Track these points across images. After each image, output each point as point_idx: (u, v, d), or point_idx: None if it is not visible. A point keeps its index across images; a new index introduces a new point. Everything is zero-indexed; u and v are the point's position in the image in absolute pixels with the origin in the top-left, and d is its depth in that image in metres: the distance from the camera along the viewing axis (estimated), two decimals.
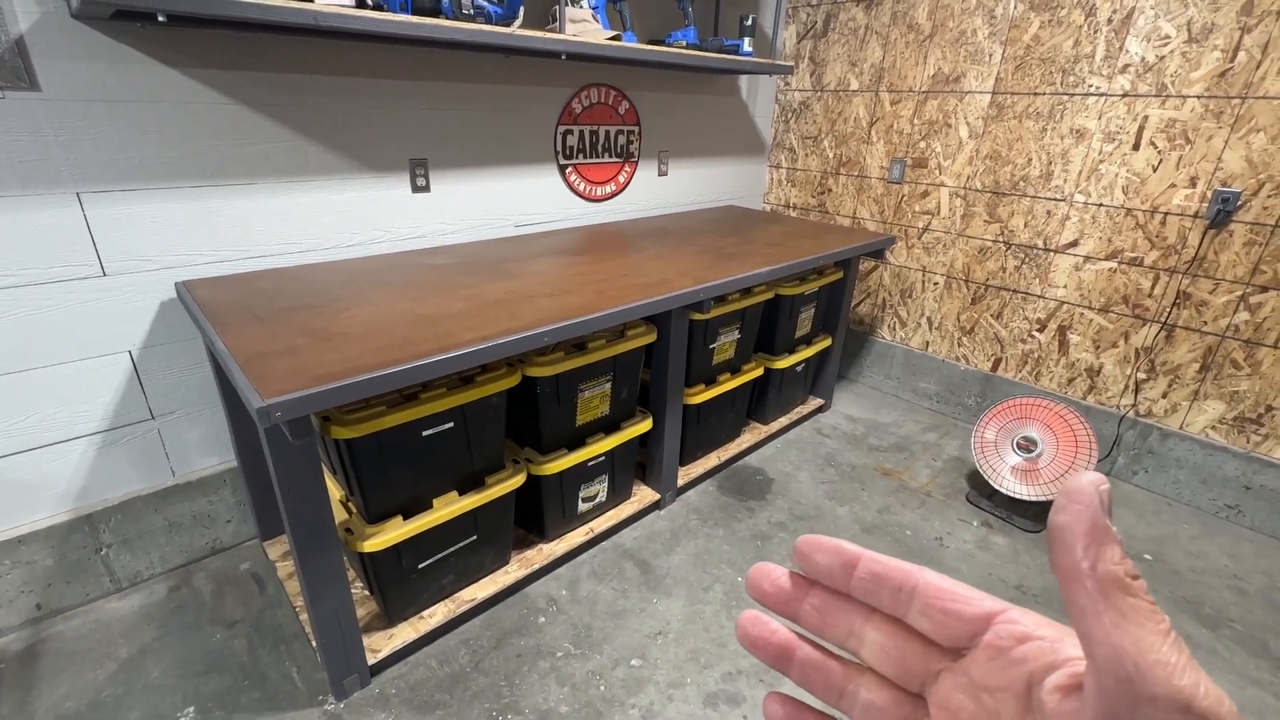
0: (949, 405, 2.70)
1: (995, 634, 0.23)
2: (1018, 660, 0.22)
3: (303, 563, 1.18)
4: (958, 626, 0.24)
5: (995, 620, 0.23)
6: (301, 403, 0.97)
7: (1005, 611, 0.24)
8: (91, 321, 1.43)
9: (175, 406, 1.60)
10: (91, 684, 1.37)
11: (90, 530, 1.53)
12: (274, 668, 1.42)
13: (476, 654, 1.48)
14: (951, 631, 0.24)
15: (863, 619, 0.26)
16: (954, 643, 0.25)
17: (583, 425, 1.68)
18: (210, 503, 1.70)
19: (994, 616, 0.24)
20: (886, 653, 0.26)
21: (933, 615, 0.25)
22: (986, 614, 0.24)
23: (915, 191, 2.59)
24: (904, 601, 0.25)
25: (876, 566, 0.26)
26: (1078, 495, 0.19)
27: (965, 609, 0.24)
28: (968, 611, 0.24)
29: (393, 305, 1.37)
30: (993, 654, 0.23)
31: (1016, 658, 0.22)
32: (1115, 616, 0.18)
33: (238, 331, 1.19)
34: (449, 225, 1.97)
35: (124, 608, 1.57)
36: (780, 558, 1.81)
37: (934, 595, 0.25)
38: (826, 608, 0.27)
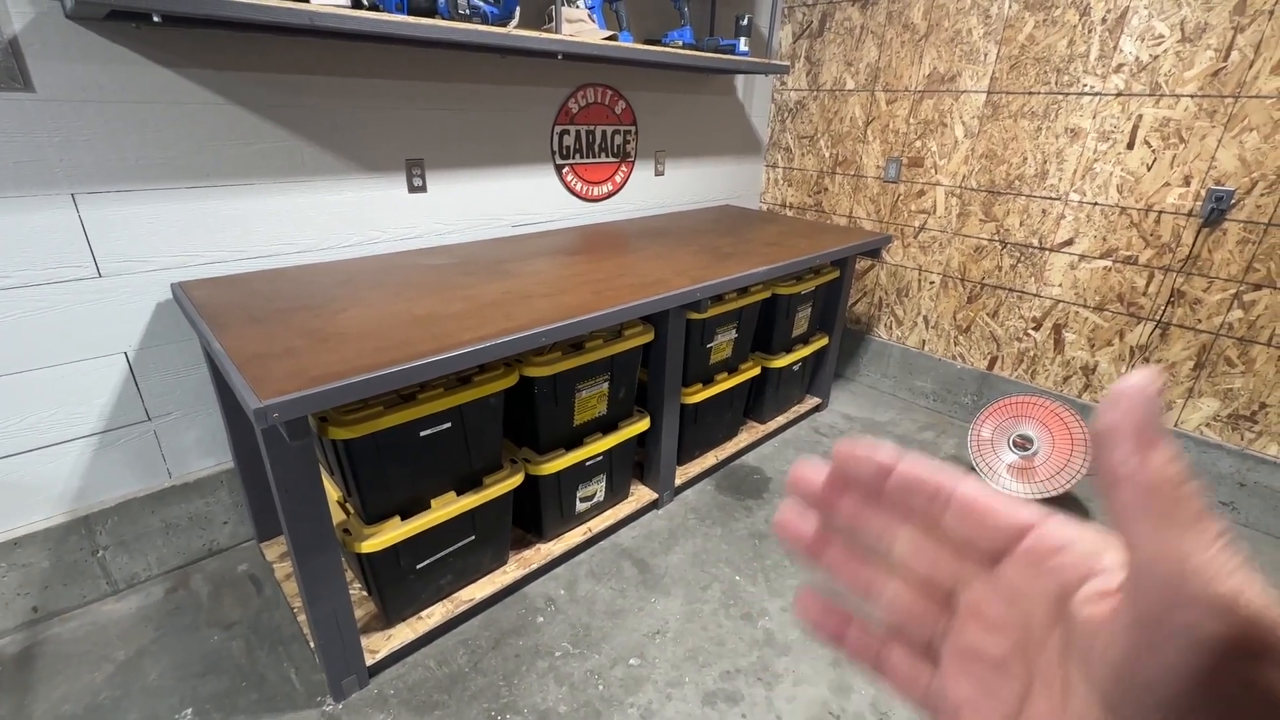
0: (945, 404, 2.70)
1: (1034, 540, 0.23)
2: (1054, 568, 0.22)
3: (300, 564, 1.18)
4: (994, 534, 0.24)
5: (1033, 528, 0.23)
6: (299, 404, 0.97)
7: (1043, 520, 0.23)
8: (87, 323, 1.42)
9: (172, 408, 1.59)
10: (89, 686, 1.37)
11: (87, 532, 1.53)
12: (272, 669, 1.42)
13: (475, 654, 1.48)
14: (988, 538, 0.24)
15: (897, 521, 0.26)
16: (989, 548, 0.24)
17: (580, 425, 1.68)
18: (207, 504, 1.70)
19: (1032, 525, 0.23)
20: (919, 555, 0.26)
21: (968, 520, 0.24)
22: (1024, 522, 0.23)
23: (911, 191, 2.60)
24: (939, 509, 0.25)
25: (914, 469, 0.25)
26: (1125, 394, 0.18)
27: (999, 516, 0.23)
28: (1004, 519, 0.23)
29: (390, 306, 1.37)
30: (1029, 560, 0.23)
31: (1053, 565, 0.22)
32: (1161, 519, 0.17)
33: (235, 332, 1.19)
34: (446, 225, 1.97)
35: (121, 610, 1.57)
36: (778, 556, 1.82)
37: (968, 500, 0.24)
38: (860, 509, 0.27)
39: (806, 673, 1.46)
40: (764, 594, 1.68)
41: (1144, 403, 0.18)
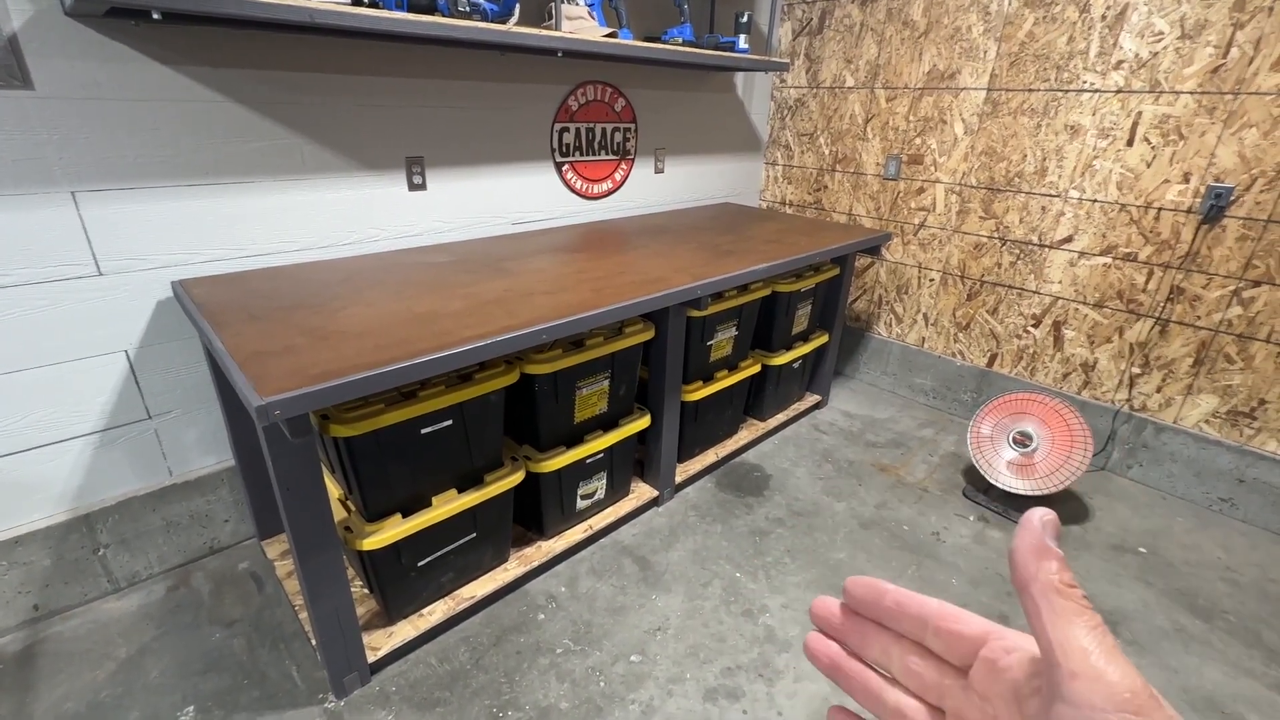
0: (945, 401, 2.71)
1: (988, 649, 0.28)
2: (1004, 669, 0.27)
3: (302, 561, 1.18)
4: (961, 644, 0.29)
5: (989, 637, 0.28)
6: (300, 401, 0.97)
7: (997, 630, 0.28)
8: (87, 321, 1.42)
9: (172, 406, 1.59)
10: (90, 684, 1.37)
11: (88, 530, 1.53)
12: (274, 666, 1.42)
13: (476, 651, 1.48)
14: (957, 649, 0.29)
15: (893, 641, 0.31)
16: (961, 659, 0.29)
17: (581, 422, 1.68)
18: (208, 502, 1.70)
19: (988, 634, 0.28)
20: (910, 669, 0.30)
21: (942, 636, 0.29)
22: (983, 632, 0.28)
23: (911, 188, 2.60)
24: (921, 625, 0.30)
25: (899, 597, 0.31)
26: (1026, 524, 0.24)
27: (965, 630, 0.29)
28: (968, 631, 0.29)
29: (390, 304, 1.37)
30: (988, 667, 0.27)
31: (1003, 667, 0.27)
32: (1051, 615, 0.23)
33: (235, 330, 1.19)
34: (446, 223, 1.97)
35: (122, 608, 1.57)
36: (778, 553, 1.82)
37: (940, 618, 0.29)
38: (866, 632, 0.32)
39: (807, 669, 1.46)
40: (764, 591, 1.69)
41: (1040, 529, 0.24)
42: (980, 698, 0.28)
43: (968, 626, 0.29)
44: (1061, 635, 0.22)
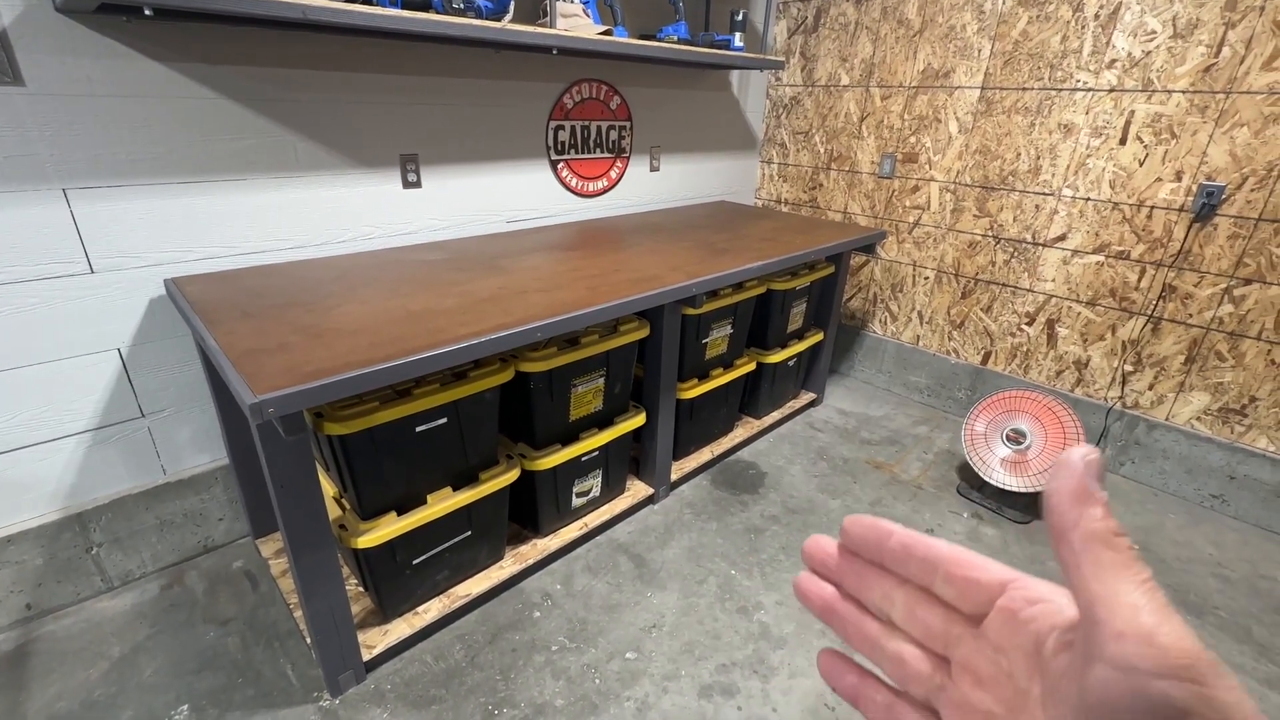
0: (940, 399, 2.72)
1: (1008, 598, 0.25)
2: (1026, 621, 0.24)
3: (296, 560, 1.18)
4: (977, 592, 0.26)
5: (1009, 586, 0.25)
6: (294, 399, 0.97)
7: (1019, 579, 0.25)
8: (80, 319, 1.41)
9: (166, 404, 1.59)
10: (84, 683, 1.36)
11: (80, 529, 1.52)
12: (268, 665, 1.42)
13: (471, 649, 1.48)
14: (972, 597, 0.26)
15: (895, 586, 0.29)
16: (974, 608, 0.26)
17: (576, 420, 1.68)
18: (202, 501, 1.69)
19: (1008, 583, 0.25)
20: (914, 615, 0.28)
21: (955, 583, 0.26)
22: (1002, 581, 0.25)
23: (906, 186, 2.61)
24: (929, 570, 0.27)
25: (906, 538, 0.28)
26: (1066, 464, 0.21)
27: (983, 576, 0.26)
28: (985, 578, 0.26)
29: (384, 302, 1.37)
30: (1006, 617, 0.25)
31: (1025, 619, 0.24)
32: (1094, 568, 0.20)
33: (228, 328, 1.19)
34: (441, 221, 1.97)
35: (116, 607, 1.56)
36: (773, 550, 1.83)
37: (954, 563, 0.27)
38: (864, 574, 0.30)
39: (802, 665, 1.47)
40: (759, 588, 1.69)
41: (1083, 469, 0.21)
42: (994, 649, 0.25)
43: (985, 573, 0.26)
44: (1106, 589, 0.19)
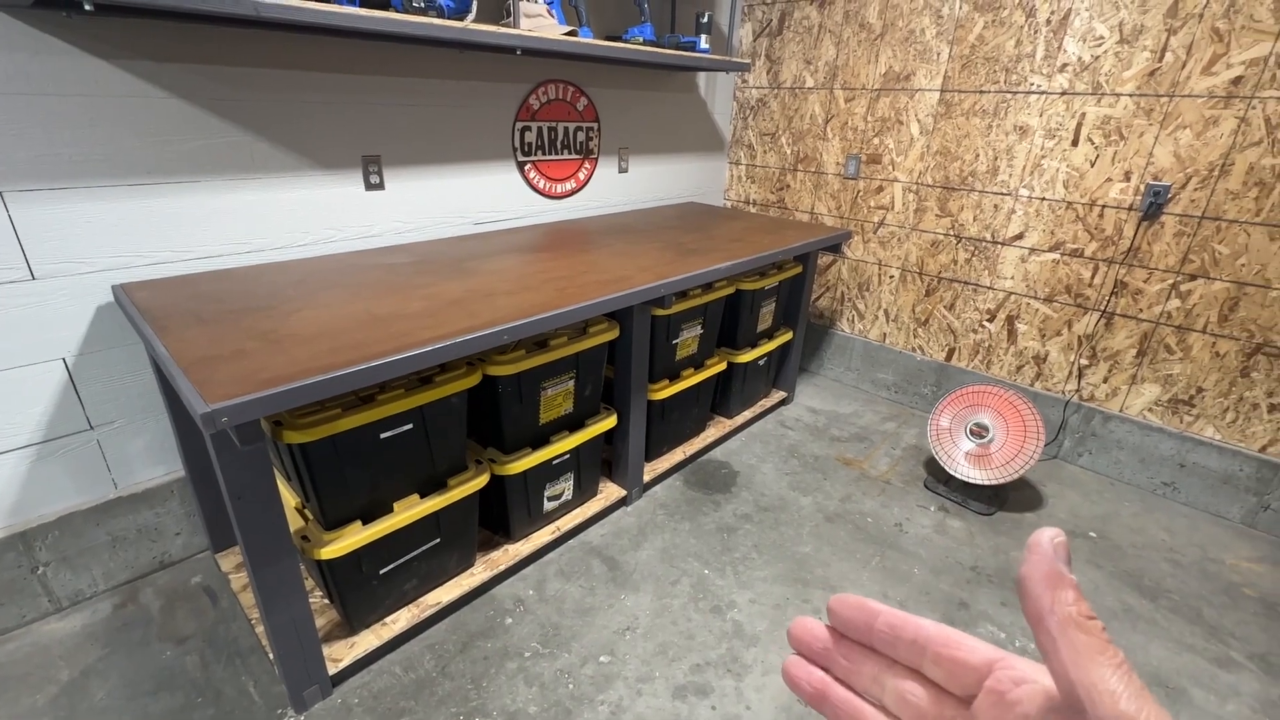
0: (907, 395, 2.77)
1: (995, 679, 0.25)
2: (1014, 702, 0.24)
3: (256, 573, 1.14)
4: (964, 674, 0.26)
5: (996, 666, 0.26)
6: (249, 407, 0.93)
7: (1005, 658, 0.26)
8: (21, 327, 1.35)
9: (116, 415, 1.52)
10: (30, 710, 1.30)
11: (25, 549, 1.45)
12: (229, 683, 1.37)
13: (442, 659, 1.45)
14: (959, 679, 0.27)
15: (885, 668, 0.29)
16: (963, 690, 0.27)
17: (546, 423, 1.67)
18: (157, 515, 1.63)
19: (995, 663, 0.26)
20: (906, 700, 0.28)
21: (943, 664, 0.27)
22: (989, 660, 0.26)
23: (870, 187, 2.65)
24: (918, 652, 0.27)
25: (893, 619, 0.28)
26: (1036, 549, 0.22)
27: (970, 657, 0.26)
28: (973, 660, 0.26)
29: (346, 306, 1.34)
30: (995, 699, 0.25)
31: (1013, 700, 0.24)
32: (1071, 652, 0.21)
33: (179, 335, 1.14)
34: (405, 224, 1.93)
35: (64, 628, 1.49)
36: (746, 549, 1.84)
37: (942, 644, 0.27)
38: (854, 657, 0.29)
39: (775, 662, 1.48)
40: (732, 586, 1.70)
41: (1052, 553, 0.22)
42: None
43: (971, 654, 0.26)
44: (1085, 676, 0.20)
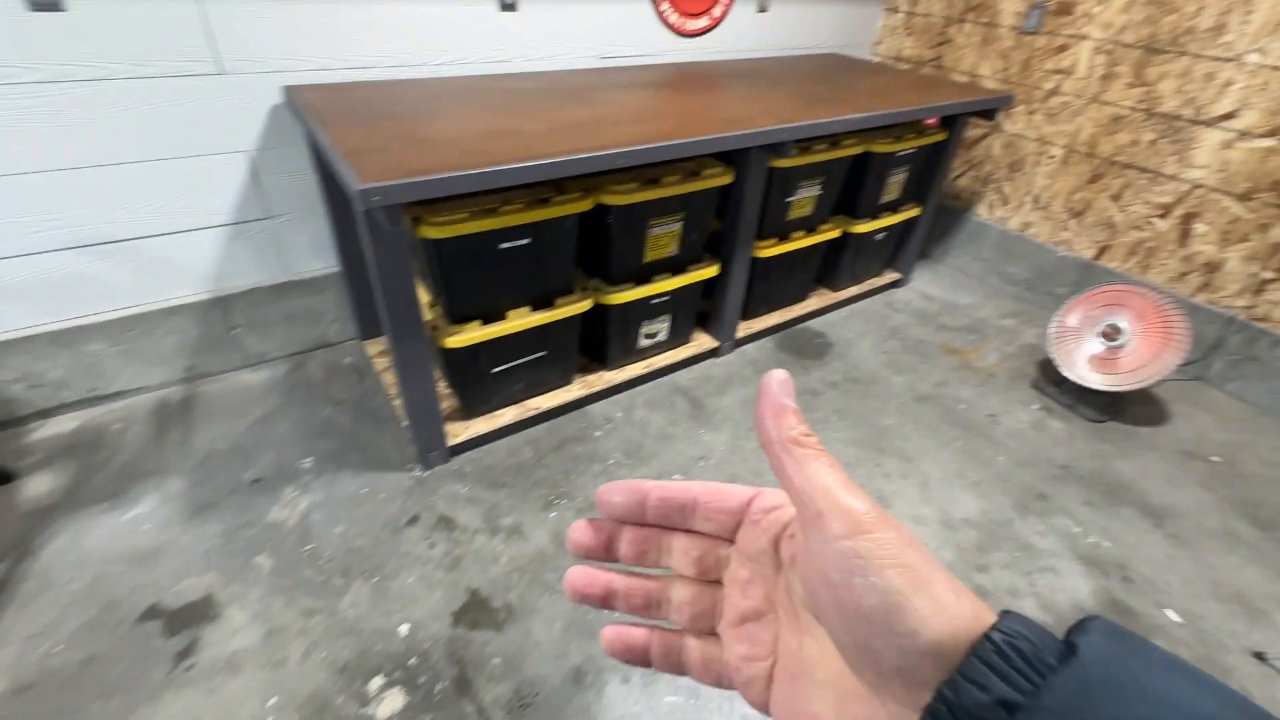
0: (1037, 293, 2.55)
1: (750, 512, 0.30)
2: (766, 527, 0.29)
3: (397, 349, 1.36)
4: (728, 518, 0.30)
5: (751, 503, 0.30)
6: (395, 191, 1.06)
7: (758, 494, 0.30)
8: (212, 118, 1.56)
9: (287, 209, 1.76)
10: (233, 432, 1.68)
11: (224, 311, 1.79)
12: (372, 439, 1.68)
13: (539, 452, 1.68)
14: (725, 523, 0.31)
15: (666, 537, 0.32)
16: (730, 532, 0.31)
17: (650, 262, 1.73)
18: (319, 301, 1.92)
19: (751, 500, 0.30)
20: (687, 554, 0.32)
21: (711, 516, 0.31)
22: (746, 500, 0.30)
23: (1051, 45, 2.27)
24: (690, 513, 0.31)
25: (663, 492, 0.31)
26: (765, 389, 0.26)
27: (730, 502, 0.30)
28: (732, 504, 0.30)
29: (475, 121, 1.42)
30: (751, 527, 0.30)
31: (765, 525, 0.29)
32: (795, 464, 0.24)
33: (338, 130, 1.28)
34: (533, 50, 1.94)
35: (253, 379, 1.86)
36: (827, 412, 1.89)
37: (708, 499, 0.31)
38: (637, 539, 0.32)
39: None
40: None
41: (778, 389, 0.26)
42: (748, 557, 0.30)
43: (732, 499, 0.30)
44: (804, 481, 0.24)
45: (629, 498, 0.31)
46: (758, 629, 0.29)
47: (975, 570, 1.45)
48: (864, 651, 0.23)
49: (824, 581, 0.23)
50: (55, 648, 1.16)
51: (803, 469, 0.24)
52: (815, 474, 0.24)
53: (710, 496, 0.31)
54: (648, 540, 0.32)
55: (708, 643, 0.31)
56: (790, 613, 0.28)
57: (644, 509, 0.31)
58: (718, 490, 0.31)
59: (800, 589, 0.26)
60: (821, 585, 0.24)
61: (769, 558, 0.29)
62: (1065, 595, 1.41)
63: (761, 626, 0.29)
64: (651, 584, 0.32)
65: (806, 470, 0.24)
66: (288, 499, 1.49)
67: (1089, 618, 0.22)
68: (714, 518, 0.30)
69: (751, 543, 0.29)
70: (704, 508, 0.31)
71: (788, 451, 0.25)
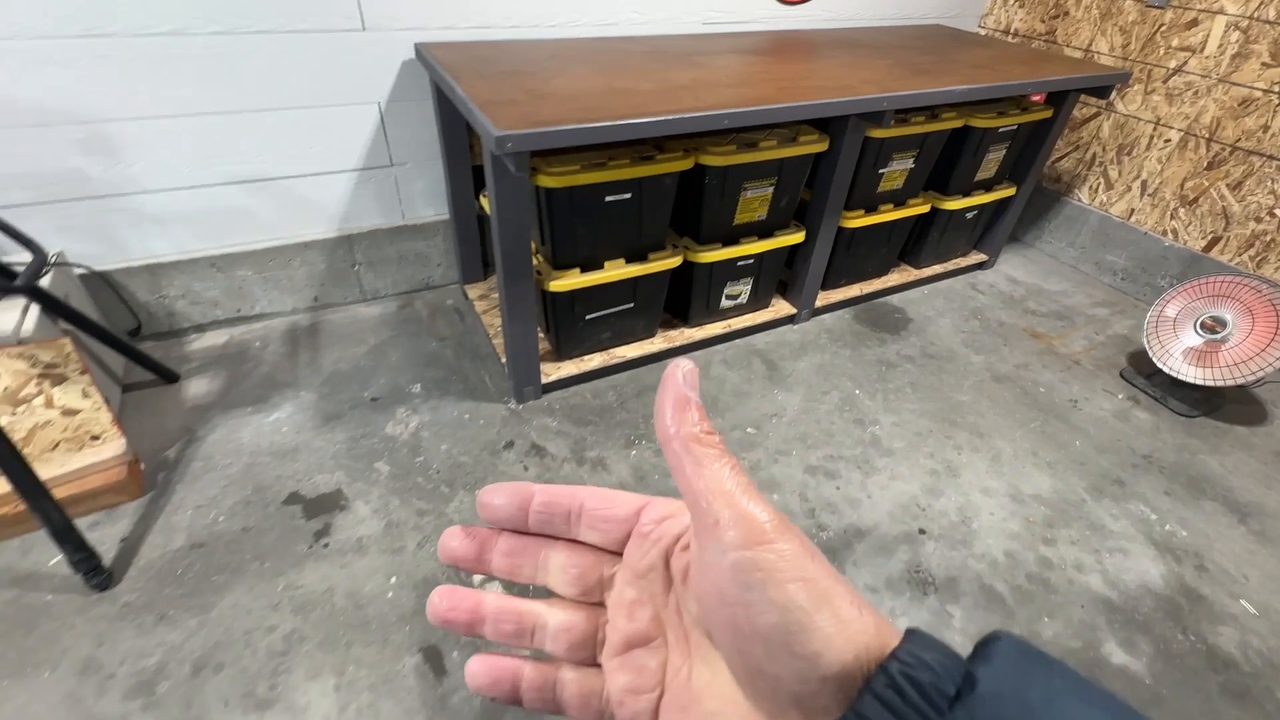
0: (1136, 284, 2.45)
1: (640, 523, 0.27)
2: (657, 539, 0.26)
3: (507, 286, 1.50)
4: (615, 527, 0.27)
5: (641, 513, 0.27)
6: (526, 139, 1.18)
7: (649, 503, 0.27)
8: (353, 71, 1.72)
9: (407, 158, 1.93)
10: (354, 356, 1.88)
11: (348, 249, 1.98)
12: (473, 373, 1.85)
13: (622, 396, 1.80)
14: (613, 533, 0.28)
15: (546, 548, 0.29)
16: (617, 544, 0.28)
17: (739, 225, 1.80)
18: (428, 246, 2.10)
19: (640, 510, 0.27)
20: (567, 572, 0.28)
21: (597, 525, 0.28)
22: (636, 509, 0.27)
23: (1179, 20, 2.15)
24: (575, 522, 0.28)
25: (547, 495, 0.28)
26: (668, 379, 0.23)
27: (620, 511, 0.27)
28: (621, 512, 0.27)
29: (591, 80, 1.52)
30: (640, 540, 0.27)
31: (655, 536, 0.26)
32: (694, 464, 0.22)
33: (472, 84, 1.41)
34: (641, 16, 2.01)
35: (369, 312, 2.07)
36: (899, 384, 1.92)
37: (595, 506, 0.28)
38: (513, 550, 0.29)
39: (903, 473, 1.63)
40: (879, 409, 1.82)
41: (683, 380, 0.23)
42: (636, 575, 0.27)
43: (621, 507, 0.27)
44: (704, 484, 0.21)
45: (511, 499, 0.29)
46: (645, 656, 0.26)
47: (1041, 543, 1.47)
48: (759, 676, 0.20)
49: (719, 598, 0.21)
50: (219, 517, 1.39)
51: (702, 470, 0.22)
52: (715, 476, 0.22)
53: (597, 503, 0.28)
54: (524, 551, 0.29)
55: (587, 675, 0.28)
56: (680, 636, 0.25)
57: (526, 511, 0.29)
58: (607, 496, 0.28)
59: (694, 607, 0.24)
60: (716, 602, 0.21)
61: (659, 574, 0.26)
62: (1133, 576, 1.42)
63: (649, 653, 0.26)
64: (523, 606, 0.29)
65: (706, 471, 0.22)
66: (400, 417, 1.68)
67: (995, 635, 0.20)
68: (600, 526, 0.28)
69: (640, 558, 0.27)
70: (590, 514, 0.28)
71: (687, 450, 0.22)
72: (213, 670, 1.13)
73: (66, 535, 1.16)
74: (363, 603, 1.25)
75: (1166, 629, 1.32)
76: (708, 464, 0.22)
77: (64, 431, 1.33)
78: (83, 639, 1.15)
